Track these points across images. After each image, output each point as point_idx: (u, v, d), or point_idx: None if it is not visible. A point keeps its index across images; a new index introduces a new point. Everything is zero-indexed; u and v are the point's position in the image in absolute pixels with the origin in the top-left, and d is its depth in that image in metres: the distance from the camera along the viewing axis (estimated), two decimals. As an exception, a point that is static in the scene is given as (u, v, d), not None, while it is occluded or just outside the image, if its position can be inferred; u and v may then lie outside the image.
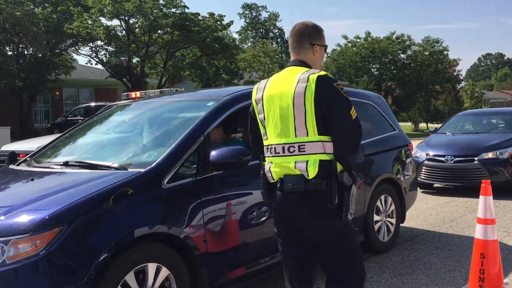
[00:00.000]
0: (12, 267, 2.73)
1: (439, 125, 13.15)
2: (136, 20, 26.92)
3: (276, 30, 65.38)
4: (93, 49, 27.30)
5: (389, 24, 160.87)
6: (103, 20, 26.34)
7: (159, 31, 26.87)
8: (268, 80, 2.84)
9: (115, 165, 3.54)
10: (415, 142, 9.27)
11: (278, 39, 63.65)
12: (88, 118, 5.24)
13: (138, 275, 3.12)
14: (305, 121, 2.59)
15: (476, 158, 8.84)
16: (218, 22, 28.05)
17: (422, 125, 35.20)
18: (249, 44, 55.02)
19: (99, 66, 29.24)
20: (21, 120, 24.12)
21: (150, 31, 26.29)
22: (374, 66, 34.22)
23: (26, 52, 25.36)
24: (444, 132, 10.61)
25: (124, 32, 26.98)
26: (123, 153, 4.03)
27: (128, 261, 3.05)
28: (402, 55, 33.53)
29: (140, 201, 3.23)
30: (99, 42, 26.84)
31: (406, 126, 30.43)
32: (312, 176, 2.58)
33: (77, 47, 27.23)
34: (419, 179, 8.62)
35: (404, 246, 5.69)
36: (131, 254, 3.08)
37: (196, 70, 29.40)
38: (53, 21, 24.49)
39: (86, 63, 29.35)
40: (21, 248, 2.76)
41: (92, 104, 21.99)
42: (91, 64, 28.74)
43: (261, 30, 64.22)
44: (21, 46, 24.59)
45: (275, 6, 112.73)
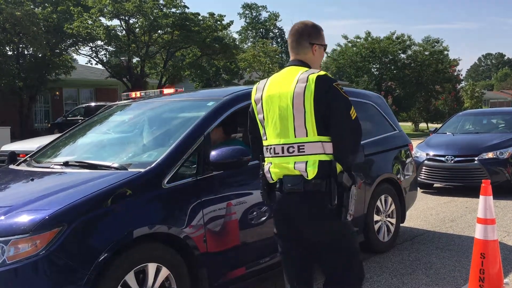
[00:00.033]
0: (12, 267, 2.73)
1: (439, 125, 13.15)
2: (136, 20, 26.92)
3: (276, 30, 65.44)
4: (93, 49, 27.31)
5: (389, 24, 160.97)
6: (103, 20, 26.38)
7: (159, 31, 26.87)
8: (267, 80, 2.83)
9: (115, 165, 3.54)
10: (415, 142, 9.27)
11: (278, 39, 63.68)
12: (88, 118, 5.23)
13: (138, 275, 3.12)
14: (304, 122, 2.58)
15: (476, 158, 8.84)
16: (218, 22, 28.04)
17: (422, 125, 35.19)
18: (249, 44, 55.06)
19: (99, 66, 29.25)
20: (21, 120, 24.11)
21: (150, 31, 26.29)
22: (374, 66, 34.22)
23: (26, 52, 25.35)
24: (444, 132, 10.60)
25: (124, 32, 26.98)
26: (123, 153, 4.03)
27: (128, 261, 3.05)
28: (402, 55, 33.53)
29: (140, 201, 3.23)
30: (99, 42, 26.87)
31: (406, 126, 30.42)
32: (311, 176, 2.57)
33: (77, 47, 27.22)
34: (419, 179, 8.62)
35: (404, 246, 5.69)
36: (131, 254, 3.08)
37: (196, 70, 29.42)
38: (53, 21, 24.48)
39: (86, 63, 29.38)
40: (21, 248, 2.76)
41: (92, 104, 22.00)
42: (91, 64, 28.76)
43: (261, 30, 64.25)
44: (21, 46, 24.58)
45: (275, 6, 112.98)
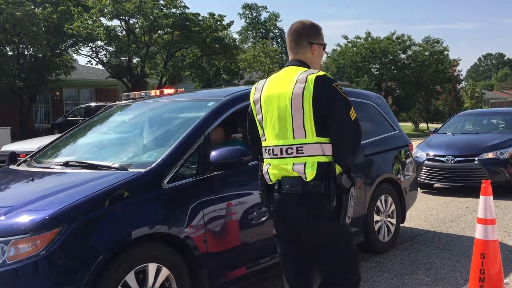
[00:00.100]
0: (12, 267, 2.73)
1: (439, 125, 13.15)
2: (136, 20, 26.92)
3: (276, 30, 65.50)
4: (94, 49, 27.31)
5: (389, 24, 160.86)
6: (103, 20, 26.40)
7: (159, 31, 26.88)
8: (266, 80, 2.81)
9: (116, 165, 3.54)
10: (415, 142, 9.27)
11: (278, 39, 63.72)
12: (88, 118, 5.24)
13: (138, 275, 3.12)
14: (303, 123, 2.56)
15: (476, 158, 8.84)
16: (218, 22, 28.04)
17: (423, 125, 35.19)
18: (249, 44, 55.11)
19: (100, 66, 29.25)
20: (21, 120, 24.12)
21: (150, 31, 26.29)
22: (374, 66, 34.22)
23: (26, 52, 25.35)
24: (444, 132, 10.60)
25: (124, 32, 26.98)
26: (123, 153, 4.03)
27: (128, 261, 3.05)
28: (403, 55, 33.54)
29: (140, 201, 3.23)
30: (99, 42, 26.87)
31: (406, 126, 30.42)
32: (310, 178, 2.55)
33: (77, 47, 27.22)
34: (419, 179, 8.62)
35: (404, 246, 5.68)
36: (132, 254, 3.08)
37: (196, 70, 29.42)
38: (54, 21, 24.49)
39: (86, 63, 29.35)
40: (21, 248, 2.76)
41: (93, 104, 21.99)
42: (92, 64, 28.75)
43: (261, 30, 64.30)
44: (21, 46, 24.58)
45: (275, 6, 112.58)
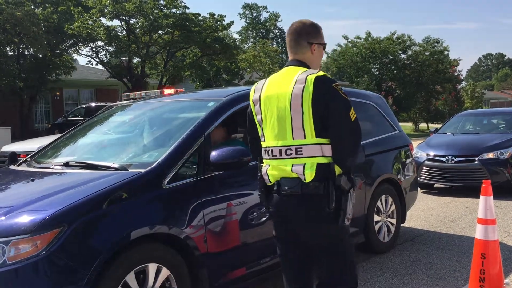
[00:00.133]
0: (12, 268, 2.73)
1: (439, 125, 13.15)
2: (136, 21, 26.92)
3: (276, 30, 65.50)
4: (94, 49, 27.31)
5: (390, 24, 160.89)
6: (103, 20, 26.39)
7: (159, 32, 26.87)
8: (266, 81, 2.79)
9: (116, 165, 3.54)
10: (416, 142, 9.27)
11: (279, 39, 63.72)
12: (88, 118, 5.24)
13: (138, 275, 3.12)
14: (302, 123, 2.54)
15: (476, 158, 8.84)
16: (219, 23, 28.04)
17: (423, 125, 35.21)
18: (249, 44, 55.12)
19: (100, 67, 29.24)
20: (21, 121, 24.12)
21: (151, 31, 26.29)
22: (374, 66, 34.25)
23: (26, 53, 25.35)
24: (444, 132, 10.60)
25: (124, 32, 26.98)
26: (123, 153, 4.02)
27: (128, 262, 3.05)
28: (403, 55, 33.58)
29: (141, 201, 3.23)
30: (99, 43, 26.86)
31: (407, 126, 30.43)
32: (309, 179, 2.54)
33: (77, 48, 27.22)
34: (419, 179, 8.62)
35: (404, 246, 5.68)
36: (132, 254, 3.08)
37: (196, 70, 29.41)
38: (54, 22, 24.49)
39: (86, 64, 29.34)
40: (21, 248, 2.76)
41: (93, 104, 21.97)
42: (92, 64, 28.75)
43: (262, 30, 64.30)
44: (21, 46, 24.57)
45: (276, 6, 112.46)
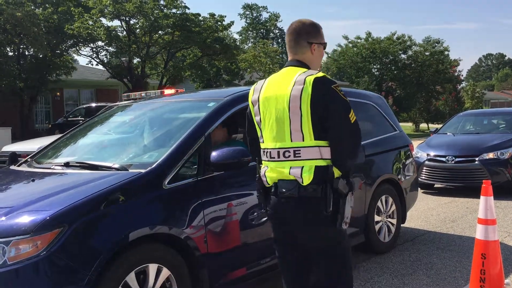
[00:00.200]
0: (13, 268, 2.73)
1: (439, 126, 13.15)
2: (136, 21, 26.95)
3: (276, 31, 65.50)
4: (94, 49, 27.33)
5: (390, 24, 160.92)
6: (104, 20, 26.43)
7: (159, 32, 26.89)
8: (265, 81, 2.77)
9: (116, 165, 3.54)
10: (416, 143, 9.27)
11: (279, 40, 63.73)
12: (89, 118, 5.24)
13: (139, 275, 3.12)
14: (301, 126, 2.52)
15: (477, 159, 8.83)
16: (219, 23, 28.07)
17: (423, 125, 35.21)
18: (249, 44, 55.14)
19: (100, 67, 29.26)
20: (22, 121, 24.12)
21: (151, 31, 26.31)
22: (374, 66, 34.27)
23: (27, 53, 25.36)
24: (445, 132, 10.60)
25: (124, 32, 27.00)
26: (124, 153, 4.02)
27: (129, 262, 3.05)
28: (403, 56, 33.59)
29: (141, 202, 3.23)
30: (99, 43, 26.90)
31: (407, 127, 30.43)
32: (307, 182, 2.51)
33: (77, 48, 27.25)
34: (419, 179, 8.61)
35: (404, 246, 5.68)
36: (132, 254, 3.08)
37: (196, 70, 29.44)
38: (54, 22, 24.51)
39: (86, 64, 29.38)
40: (22, 248, 2.76)
41: (93, 104, 21.99)
42: (92, 64, 28.80)
43: (262, 30, 64.29)
44: (22, 46, 24.58)
45: (276, 7, 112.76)
